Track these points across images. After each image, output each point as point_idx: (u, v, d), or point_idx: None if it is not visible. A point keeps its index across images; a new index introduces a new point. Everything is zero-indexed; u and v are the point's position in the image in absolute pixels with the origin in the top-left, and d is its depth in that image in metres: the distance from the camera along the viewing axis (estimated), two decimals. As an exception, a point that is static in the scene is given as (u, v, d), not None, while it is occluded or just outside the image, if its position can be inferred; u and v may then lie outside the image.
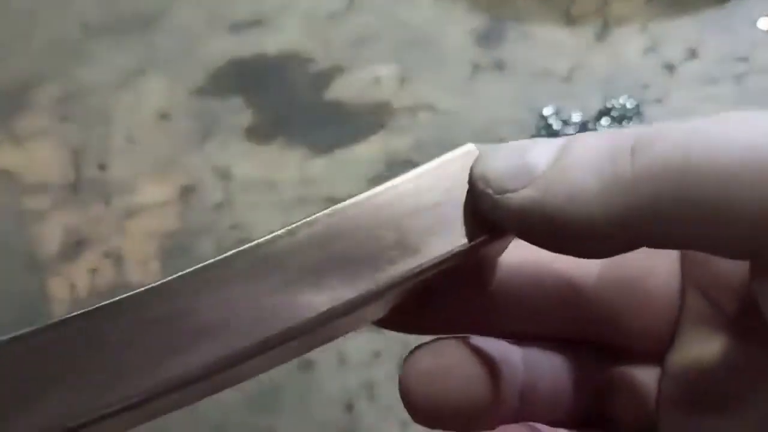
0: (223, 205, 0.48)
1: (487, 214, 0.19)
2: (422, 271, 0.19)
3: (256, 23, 0.56)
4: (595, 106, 0.50)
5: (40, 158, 0.51)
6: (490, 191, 0.19)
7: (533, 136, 0.49)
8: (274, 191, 0.48)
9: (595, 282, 0.22)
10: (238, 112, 0.52)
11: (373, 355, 0.43)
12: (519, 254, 0.22)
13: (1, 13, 0.58)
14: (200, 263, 0.19)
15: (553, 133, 0.49)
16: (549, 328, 0.22)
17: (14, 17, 0.58)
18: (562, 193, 0.17)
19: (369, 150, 0.50)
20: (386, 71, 0.53)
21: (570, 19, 0.55)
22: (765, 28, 0.54)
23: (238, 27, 0.56)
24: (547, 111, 0.50)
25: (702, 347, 0.20)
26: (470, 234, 0.20)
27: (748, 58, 0.53)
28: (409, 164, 0.49)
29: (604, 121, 0.49)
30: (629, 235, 0.18)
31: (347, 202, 0.20)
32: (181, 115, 0.52)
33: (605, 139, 0.18)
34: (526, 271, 0.22)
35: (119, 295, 0.19)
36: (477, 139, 0.52)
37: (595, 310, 0.22)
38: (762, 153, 0.16)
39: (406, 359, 0.21)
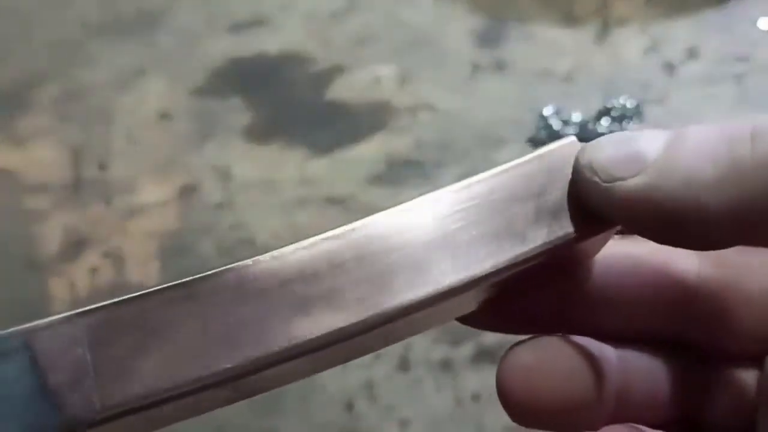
0: (223, 205, 0.48)
1: (593, 204, 0.19)
2: (525, 260, 0.19)
3: (256, 23, 0.56)
4: (595, 106, 0.50)
5: (41, 158, 0.51)
6: (597, 179, 0.18)
7: (533, 136, 0.49)
8: (274, 191, 0.48)
9: (695, 281, 0.21)
10: (238, 112, 0.52)
11: (373, 356, 0.43)
12: (616, 252, 0.21)
13: (2, 13, 0.58)
14: (254, 257, 0.19)
15: (553, 133, 0.49)
16: (645, 328, 0.22)
17: (15, 17, 0.58)
18: (676, 180, 0.17)
19: (369, 150, 0.50)
20: (386, 71, 0.53)
21: (570, 20, 0.55)
22: (765, 28, 0.54)
23: (238, 27, 0.56)
24: (547, 111, 0.50)
25: None
26: (574, 224, 0.19)
27: (748, 57, 0.53)
28: (409, 164, 0.49)
29: (604, 121, 0.49)
30: (743, 226, 0.17)
31: (449, 187, 0.20)
32: (181, 115, 0.52)
33: (720, 128, 0.17)
34: (625, 269, 0.21)
35: (122, 292, 0.18)
36: (477, 138, 0.53)
37: (694, 310, 0.21)
38: None
39: (504, 356, 0.20)
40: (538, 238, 0.19)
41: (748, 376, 0.21)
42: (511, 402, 0.20)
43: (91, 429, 0.17)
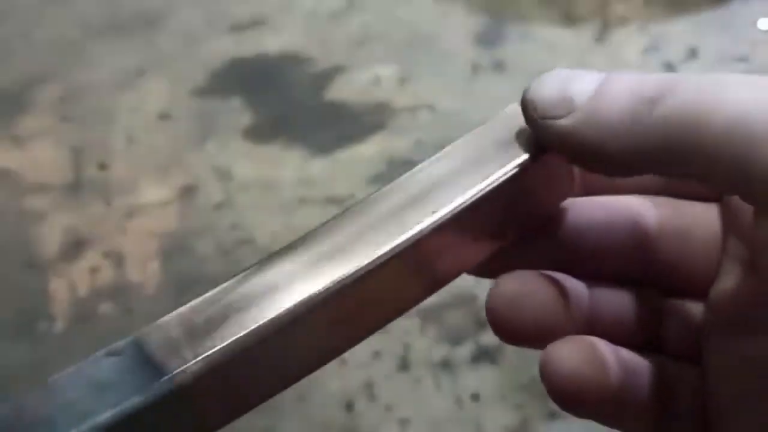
0: (223, 205, 0.48)
1: (535, 134, 0.24)
2: (498, 186, 0.24)
3: (256, 24, 0.56)
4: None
5: (41, 158, 0.51)
6: (536, 116, 0.23)
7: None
8: (274, 191, 0.49)
9: (654, 229, 0.26)
10: (238, 113, 0.52)
11: (372, 355, 0.43)
12: (587, 205, 0.26)
13: (3, 14, 0.58)
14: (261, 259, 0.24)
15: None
16: (613, 267, 0.26)
17: (15, 18, 0.58)
18: (593, 127, 0.22)
19: (369, 150, 0.50)
20: (386, 71, 0.53)
21: (570, 20, 0.55)
22: (764, 29, 0.54)
23: (238, 27, 0.56)
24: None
25: (738, 281, 0.24)
26: (528, 151, 0.24)
27: (748, 57, 0.53)
28: (409, 164, 0.49)
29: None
30: (642, 165, 0.23)
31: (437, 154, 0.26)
32: (181, 115, 0.52)
33: (634, 84, 0.22)
34: (595, 219, 0.26)
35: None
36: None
37: (653, 254, 0.26)
38: (745, 122, 0.21)
39: (492, 288, 0.25)
40: (502, 166, 0.25)
41: (697, 308, 0.26)
42: (497, 323, 0.25)
43: (196, 381, 0.22)
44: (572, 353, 0.24)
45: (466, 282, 0.47)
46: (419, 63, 0.53)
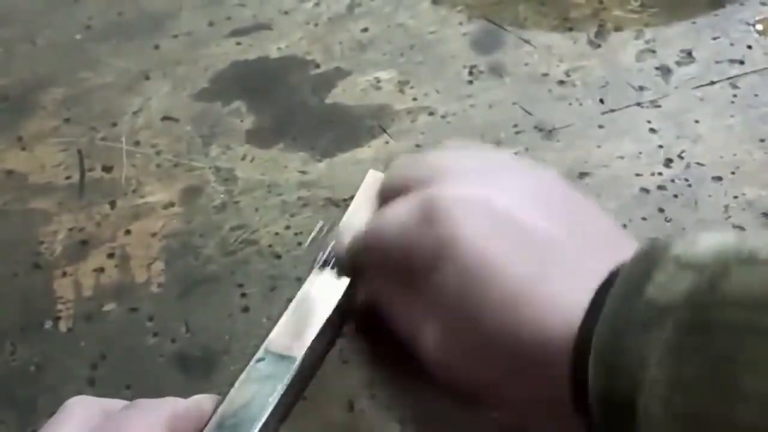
0: (227, 207, 0.48)
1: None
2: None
3: (258, 28, 0.56)
4: (592, 110, 0.51)
5: (46, 159, 0.51)
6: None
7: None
8: (276, 193, 0.49)
9: None
10: (240, 116, 0.52)
11: (373, 354, 0.43)
12: None
13: (7, 17, 0.58)
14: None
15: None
16: None
17: (20, 21, 0.58)
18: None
19: (369, 153, 0.50)
20: (386, 75, 0.53)
21: (566, 25, 0.55)
22: (759, 31, 0.54)
23: (241, 31, 0.56)
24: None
25: None
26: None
27: (743, 60, 0.53)
28: (408, 166, 0.49)
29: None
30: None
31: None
32: (185, 118, 0.52)
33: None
34: None
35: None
36: (475, 142, 0.52)
37: None
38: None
39: None
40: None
41: None
42: None
43: (306, 356, 0.39)
44: None
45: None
46: (418, 68, 0.54)
